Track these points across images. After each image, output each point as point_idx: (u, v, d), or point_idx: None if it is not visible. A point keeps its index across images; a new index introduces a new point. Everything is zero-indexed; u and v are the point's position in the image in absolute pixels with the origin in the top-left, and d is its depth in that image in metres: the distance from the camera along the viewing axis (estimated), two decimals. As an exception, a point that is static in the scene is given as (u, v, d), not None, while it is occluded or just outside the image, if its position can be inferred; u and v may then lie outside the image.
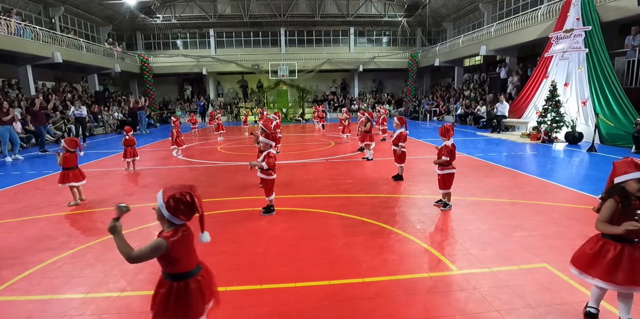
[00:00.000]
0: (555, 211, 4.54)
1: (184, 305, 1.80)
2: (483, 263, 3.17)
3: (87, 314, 2.53)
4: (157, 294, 1.84)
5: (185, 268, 1.82)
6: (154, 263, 2.04)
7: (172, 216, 1.74)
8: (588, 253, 2.26)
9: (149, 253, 1.71)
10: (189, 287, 1.82)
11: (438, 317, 2.41)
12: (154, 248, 1.71)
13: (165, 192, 1.76)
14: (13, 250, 3.70)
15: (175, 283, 1.80)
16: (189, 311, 1.81)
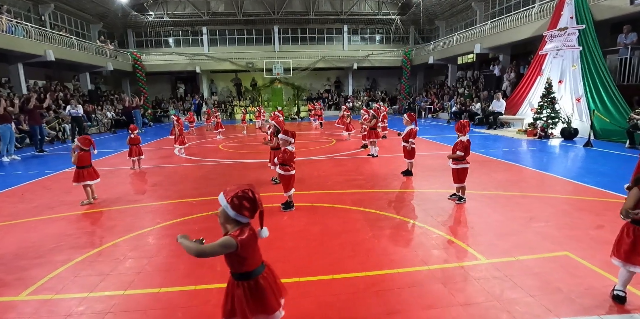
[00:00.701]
0: (565, 203, 4.71)
1: (261, 302, 1.86)
2: (508, 253, 3.30)
3: (131, 311, 2.56)
4: (234, 296, 1.87)
5: (252, 266, 1.86)
6: (187, 260, 1.90)
7: (237, 214, 1.77)
8: (626, 242, 2.38)
9: (218, 249, 1.75)
10: (259, 284, 1.87)
11: (480, 303, 2.52)
12: (223, 245, 1.74)
13: (227, 193, 1.79)
14: (37, 249, 3.68)
15: (246, 283, 1.86)
16: (267, 307, 1.88)
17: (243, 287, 1.85)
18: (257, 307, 1.86)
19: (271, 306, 1.90)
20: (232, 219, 1.79)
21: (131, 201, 5.33)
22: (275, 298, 1.92)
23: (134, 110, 16.82)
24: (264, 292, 1.88)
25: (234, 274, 1.88)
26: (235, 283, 1.88)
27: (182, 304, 2.61)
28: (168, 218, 4.49)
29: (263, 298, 1.87)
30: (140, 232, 4.05)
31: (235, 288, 1.87)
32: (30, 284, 2.95)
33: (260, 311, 1.87)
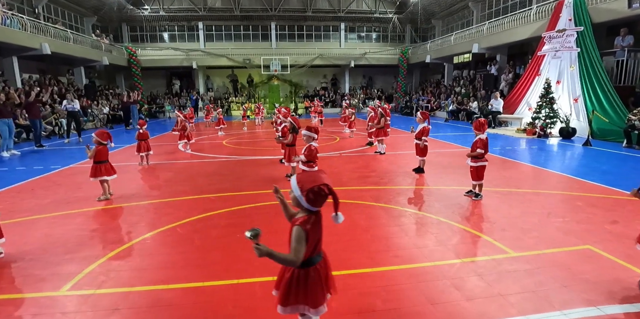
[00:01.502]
0: (577, 199, 4.88)
1: (305, 293, 1.86)
2: (534, 246, 3.43)
3: (178, 304, 2.58)
4: (283, 278, 1.91)
5: (308, 254, 1.85)
6: (222, 254, 1.84)
7: (310, 206, 1.82)
8: None
9: (302, 246, 1.77)
10: (308, 275, 1.87)
11: (518, 293, 2.64)
12: (301, 240, 1.77)
13: (302, 184, 1.80)
14: (64, 244, 3.65)
15: (296, 270, 1.86)
16: (308, 298, 1.87)
17: (292, 273, 1.86)
18: (300, 297, 1.86)
19: (315, 299, 1.88)
20: (304, 207, 1.84)
21: (149, 197, 5.32)
22: (322, 292, 1.90)
23: (132, 106, 16.60)
24: (311, 284, 1.86)
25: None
26: (285, 267, 1.89)
27: (229, 297, 2.65)
28: (192, 213, 4.50)
29: (308, 290, 1.86)
30: (167, 227, 4.06)
31: (286, 271, 1.89)
32: (67, 279, 2.95)
33: (302, 301, 1.87)
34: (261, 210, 4.59)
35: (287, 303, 1.87)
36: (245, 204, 4.82)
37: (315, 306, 1.88)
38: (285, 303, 1.87)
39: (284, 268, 1.94)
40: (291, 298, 1.86)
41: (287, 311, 1.89)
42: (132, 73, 22.54)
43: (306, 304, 1.87)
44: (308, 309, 1.88)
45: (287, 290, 1.86)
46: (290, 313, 1.91)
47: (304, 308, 1.88)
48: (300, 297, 1.86)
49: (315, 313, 1.89)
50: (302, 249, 1.77)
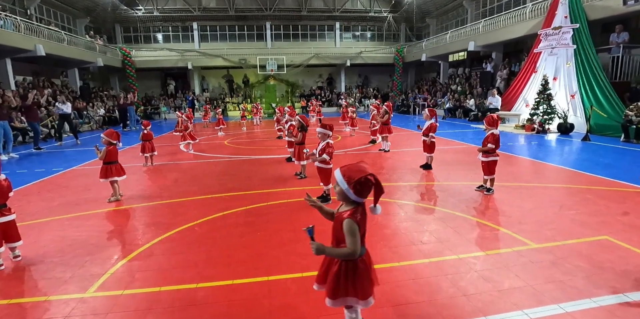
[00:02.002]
0: (586, 192, 4.96)
1: (354, 285, 1.88)
2: (552, 238, 3.49)
3: (213, 303, 2.58)
4: (329, 271, 1.92)
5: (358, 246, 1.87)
6: (246, 252, 1.92)
7: (358, 197, 1.83)
8: None
9: (356, 238, 1.79)
10: (357, 267, 1.89)
11: (547, 282, 2.69)
12: (355, 232, 1.79)
13: (349, 177, 1.81)
14: (83, 246, 3.59)
15: (344, 263, 1.87)
16: (357, 290, 1.88)
17: (339, 266, 1.86)
18: (349, 289, 1.87)
19: (364, 291, 1.89)
20: (350, 200, 1.85)
21: (160, 197, 5.28)
22: (370, 284, 1.92)
23: (128, 107, 16.43)
24: (360, 275, 1.88)
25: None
26: (335, 259, 1.89)
27: (263, 294, 2.64)
28: (207, 212, 4.48)
29: (357, 281, 1.87)
30: (184, 227, 4.04)
31: (333, 264, 1.89)
32: (92, 281, 2.91)
33: (352, 294, 1.88)
34: (277, 209, 4.59)
35: (336, 295, 1.88)
36: (259, 203, 4.82)
37: (364, 298, 1.89)
38: (334, 295, 1.88)
39: (328, 262, 1.96)
40: (340, 291, 1.87)
41: (336, 303, 1.90)
42: (127, 75, 22.32)
43: (355, 296, 1.89)
44: (357, 301, 1.90)
45: (335, 283, 1.87)
46: (339, 306, 1.92)
47: (353, 300, 1.90)
48: (349, 289, 1.87)
49: (365, 304, 1.91)
50: (358, 240, 1.79)
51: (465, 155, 8.00)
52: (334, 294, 1.88)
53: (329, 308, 2.40)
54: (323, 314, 2.38)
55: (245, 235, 3.74)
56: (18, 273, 3.15)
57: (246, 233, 3.79)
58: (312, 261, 3.11)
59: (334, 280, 1.88)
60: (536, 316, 2.33)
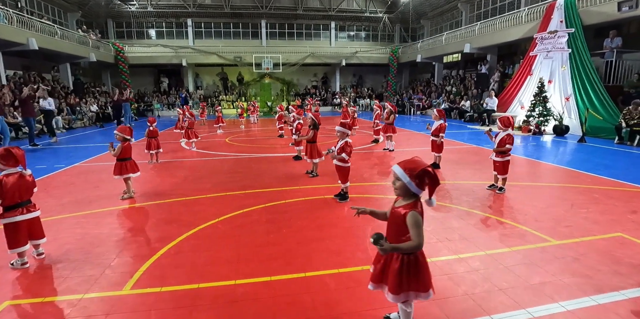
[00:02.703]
0: (593, 192, 5.14)
1: (417, 278, 1.94)
2: (570, 235, 3.62)
3: (254, 299, 2.60)
4: (389, 268, 1.96)
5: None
6: (276, 250, 1.90)
7: (418, 189, 1.90)
8: None
9: (421, 229, 1.86)
10: (418, 260, 1.95)
11: (579, 276, 2.80)
12: (420, 223, 1.86)
13: (410, 171, 1.88)
14: (106, 245, 3.55)
15: (406, 257, 1.93)
16: (421, 284, 1.95)
17: (402, 261, 1.92)
18: (412, 283, 1.93)
19: (426, 283, 1.96)
20: (411, 192, 1.91)
21: (174, 195, 5.25)
22: (429, 275, 2.00)
23: (124, 104, 16.14)
24: (421, 268, 1.95)
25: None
26: (395, 255, 1.94)
27: (303, 290, 2.68)
28: (225, 210, 4.48)
29: (420, 274, 1.94)
30: (206, 224, 4.03)
31: (394, 261, 1.94)
32: (125, 278, 2.89)
33: (414, 288, 1.94)
34: (296, 206, 4.62)
35: (399, 290, 1.93)
36: (276, 201, 4.84)
37: (426, 290, 1.96)
38: (397, 291, 1.93)
39: (384, 260, 2.00)
40: (403, 286, 1.93)
41: (399, 298, 1.95)
42: (120, 71, 21.92)
43: (417, 290, 1.95)
44: (418, 294, 1.95)
45: (398, 279, 1.92)
46: (402, 300, 1.97)
47: (415, 294, 1.95)
48: (412, 283, 1.93)
49: (426, 296, 1.96)
50: (422, 232, 1.85)
51: (469, 155, 8.16)
52: (398, 290, 1.93)
53: (372, 303, 2.47)
54: (367, 309, 2.43)
55: (272, 233, 3.76)
56: (45, 271, 3.10)
57: (272, 231, 3.81)
58: (344, 257, 3.18)
59: (397, 276, 1.93)
60: (572, 307, 2.43)
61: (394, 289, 1.93)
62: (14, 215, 3.10)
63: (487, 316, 2.35)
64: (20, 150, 3.16)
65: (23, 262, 3.17)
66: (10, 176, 3.10)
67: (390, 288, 1.95)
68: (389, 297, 1.96)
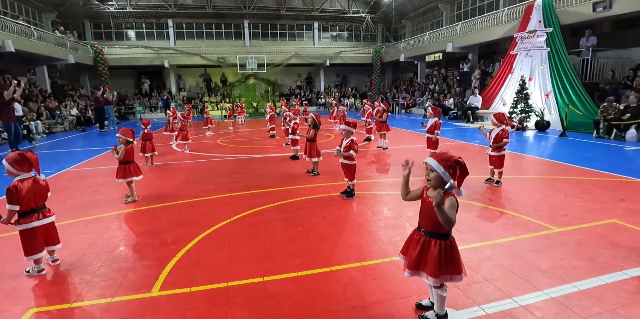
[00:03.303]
0: (583, 183, 5.44)
1: (452, 262, 2.10)
2: (569, 223, 3.86)
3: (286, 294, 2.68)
4: (427, 254, 2.11)
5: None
6: (296, 246, 2.08)
7: (452, 179, 2.05)
8: None
9: (455, 213, 2.01)
10: (453, 244, 2.14)
11: (584, 259, 3.01)
12: (455, 207, 2.02)
13: (444, 162, 2.04)
14: (120, 249, 3.54)
15: (443, 242, 2.10)
16: (457, 267, 2.11)
17: (439, 246, 2.08)
18: (448, 266, 2.09)
19: (459, 267, 2.13)
20: (445, 182, 2.05)
21: (178, 197, 5.20)
22: (461, 261, 2.16)
23: (106, 107, 15.75)
24: (456, 252, 2.13)
25: (433, 233, 2.11)
26: (433, 241, 2.10)
27: (332, 283, 2.76)
28: (236, 210, 4.50)
29: (455, 258, 2.11)
30: (220, 225, 4.05)
31: (432, 246, 2.10)
32: (151, 281, 2.87)
33: (450, 271, 2.10)
34: (305, 205, 4.69)
35: (439, 274, 2.07)
36: (284, 200, 4.89)
37: (460, 273, 2.12)
38: (437, 274, 2.06)
39: (420, 247, 2.14)
40: (442, 269, 2.07)
41: (438, 281, 2.09)
42: (99, 73, 21.31)
43: (453, 273, 2.10)
44: (453, 277, 2.10)
45: (438, 263, 2.06)
46: (441, 283, 2.10)
47: (450, 277, 2.09)
48: (449, 267, 2.09)
49: (459, 279, 2.12)
50: (455, 216, 2.00)
51: (459, 151, 8.42)
52: (438, 273, 2.07)
53: (401, 292, 2.59)
54: (397, 298, 2.55)
55: (287, 230, 3.83)
56: (64, 277, 3.05)
57: (287, 228, 3.88)
58: (364, 251, 3.29)
59: (436, 260, 2.07)
60: (584, 287, 2.62)
61: (434, 273, 2.07)
62: (30, 220, 3.05)
63: (509, 298, 2.51)
64: (34, 154, 3.12)
65: (40, 269, 3.12)
66: (25, 181, 3.06)
67: (431, 273, 2.08)
68: (430, 281, 2.09)
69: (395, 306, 2.45)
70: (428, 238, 2.13)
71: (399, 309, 2.42)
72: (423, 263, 2.13)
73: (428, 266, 2.10)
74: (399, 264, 3.02)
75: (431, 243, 2.11)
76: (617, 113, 9.51)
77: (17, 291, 2.84)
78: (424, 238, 2.15)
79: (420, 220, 2.20)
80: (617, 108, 9.58)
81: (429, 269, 2.10)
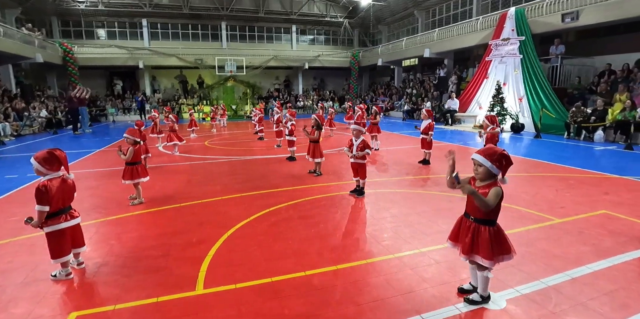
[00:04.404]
0: (568, 179, 5.91)
1: (502, 245, 2.34)
2: (567, 214, 4.22)
3: (342, 285, 2.78)
4: (479, 239, 2.32)
5: (498, 212, 2.34)
6: (322, 240, 2.40)
7: (498, 170, 2.27)
8: None
9: (497, 201, 2.22)
10: (499, 229, 2.37)
11: (589, 245, 3.33)
12: (499, 196, 2.23)
13: (490, 157, 2.27)
14: (144, 250, 3.46)
15: (491, 228, 2.33)
16: (506, 248, 2.34)
17: (489, 232, 2.32)
18: (500, 249, 2.33)
19: (509, 247, 2.36)
20: (492, 174, 2.27)
21: (186, 198, 5.14)
22: (509, 242, 2.39)
23: (80, 108, 15.03)
24: (503, 235, 2.38)
25: (482, 220, 2.33)
26: (482, 227, 2.33)
27: (371, 275, 2.90)
28: (251, 210, 4.52)
29: (504, 241, 2.36)
30: (241, 224, 4.07)
31: (482, 232, 2.33)
32: (191, 280, 2.86)
33: (500, 252, 2.34)
34: (318, 203, 4.80)
35: (492, 256, 2.28)
36: (297, 199, 4.98)
37: (510, 251, 2.35)
38: (491, 256, 2.28)
39: (472, 233, 2.34)
40: (495, 251, 2.29)
41: (492, 263, 2.30)
42: (69, 73, 20.32)
43: (504, 253, 2.33)
44: (504, 257, 2.34)
45: (490, 246, 2.28)
46: (494, 264, 2.31)
47: (503, 257, 2.33)
48: (500, 248, 2.32)
49: (510, 258, 2.36)
50: (496, 203, 2.23)
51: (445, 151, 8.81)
52: (491, 255, 2.29)
53: (434, 278, 2.81)
54: (438, 284, 2.72)
55: (311, 227, 3.92)
56: (96, 279, 2.96)
57: (311, 226, 3.97)
58: (388, 245, 3.45)
59: (489, 244, 2.29)
60: (597, 268, 2.92)
61: (489, 256, 2.28)
62: (58, 222, 2.96)
63: (537, 280, 2.75)
64: (63, 152, 3.04)
65: (67, 272, 3.02)
66: (54, 180, 2.97)
67: (485, 256, 2.29)
68: (485, 263, 2.30)
69: (439, 291, 2.62)
70: (477, 224, 2.34)
71: (443, 293, 2.60)
72: (476, 248, 2.33)
73: (481, 251, 2.30)
74: (432, 253, 3.23)
75: (481, 229, 2.33)
76: (585, 116, 10.33)
77: (47, 295, 2.74)
78: (474, 225, 2.35)
79: (468, 208, 2.40)
80: (585, 112, 10.40)
81: (482, 253, 2.30)
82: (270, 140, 11.13)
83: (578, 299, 2.53)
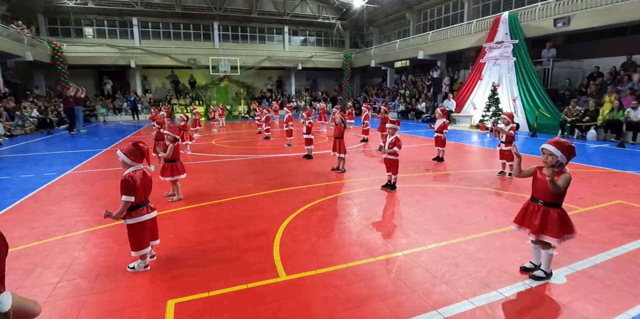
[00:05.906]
0: (578, 174, 6.30)
1: (567, 225, 2.66)
2: (586, 204, 4.60)
3: (390, 274, 3.04)
4: (547, 219, 2.63)
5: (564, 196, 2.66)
6: (350, 237, 2.86)
7: (567, 160, 2.59)
8: None
9: (566, 186, 2.54)
10: (564, 211, 2.69)
11: (614, 230, 3.68)
12: (569, 181, 2.55)
13: (561, 149, 2.57)
14: (209, 243, 3.59)
15: (558, 210, 2.65)
16: (571, 228, 2.67)
17: (558, 213, 2.64)
18: (567, 228, 2.66)
19: (572, 227, 2.68)
20: (560, 164, 2.56)
21: (222, 195, 5.25)
22: (572, 223, 2.69)
23: (76, 108, 14.72)
24: (567, 217, 2.70)
25: (550, 203, 2.64)
26: (550, 210, 2.65)
27: (444, 257, 3.17)
28: (295, 205, 4.67)
29: (568, 221, 2.68)
30: (293, 216, 4.23)
31: (552, 213, 2.65)
32: (268, 267, 3.01)
33: (566, 231, 2.66)
34: (357, 198, 5.02)
35: (560, 234, 2.58)
36: (333, 194, 5.19)
37: (573, 231, 2.66)
38: (559, 234, 2.58)
39: (543, 214, 2.63)
40: (562, 231, 2.59)
41: (560, 241, 2.60)
42: (58, 72, 19.80)
43: (568, 232, 2.64)
44: (569, 235, 2.65)
45: (559, 225, 2.59)
46: (561, 242, 2.60)
47: (568, 236, 2.63)
48: (565, 228, 2.63)
49: (573, 236, 2.68)
50: (565, 187, 2.54)
51: (454, 150, 9.22)
52: (559, 234, 2.59)
53: (504, 259, 3.05)
54: (503, 264, 2.99)
55: (364, 219, 4.14)
56: (174, 270, 3.04)
57: (362, 218, 4.19)
58: (450, 230, 3.71)
59: (558, 224, 2.60)
60: (631, 248, 3.27)
61: (558, 234, 2.59)
62: (142, 214, 3.06)
63: (585, 259, 3.08)
64: (146, 144, 3.15)
65: (145, 264, 3.11)
66: (137, 172, 3.07)
67: (554, 234, 2.60)
68: (553, 241, 2.59)
69: (505, 271, 2.90)
70: (546, 207, 2.63)
71: (508, 272, 2.88)
72: (545, 228, 2.63)
73: (550, 230, 2.60)
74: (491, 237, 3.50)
75: (550, 211, 2.63)
76: (577, 115, 10.95)
77: (134, 285, 2.83)
78: (543, 208, 2.64)
79: (537, 194, 2.70)
80: (578, 111, 11.02)
81: (551, 232, 2.60)
82: (276, 139, 11.27)
83: (624, 273, 2.87)
